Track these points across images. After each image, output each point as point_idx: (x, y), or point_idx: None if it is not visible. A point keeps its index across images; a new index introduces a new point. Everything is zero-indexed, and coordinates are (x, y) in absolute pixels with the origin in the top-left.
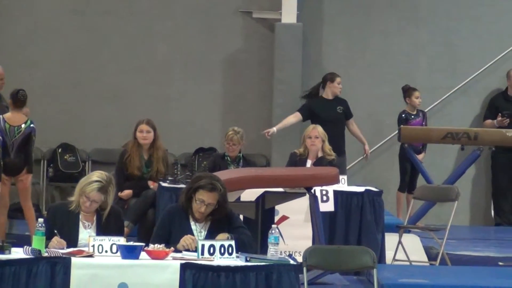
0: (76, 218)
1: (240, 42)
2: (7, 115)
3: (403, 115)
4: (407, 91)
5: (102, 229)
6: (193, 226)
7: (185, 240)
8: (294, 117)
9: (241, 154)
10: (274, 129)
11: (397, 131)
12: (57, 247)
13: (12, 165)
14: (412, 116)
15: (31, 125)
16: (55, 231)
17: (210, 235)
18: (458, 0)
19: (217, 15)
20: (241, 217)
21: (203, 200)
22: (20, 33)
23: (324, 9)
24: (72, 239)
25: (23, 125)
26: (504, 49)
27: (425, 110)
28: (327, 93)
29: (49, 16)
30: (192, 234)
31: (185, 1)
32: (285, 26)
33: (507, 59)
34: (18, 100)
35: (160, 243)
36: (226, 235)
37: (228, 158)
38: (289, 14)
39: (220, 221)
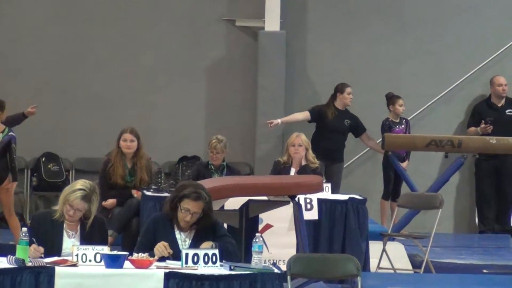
0: (60, 227)
1: (223, 50)
2: None
3: (387, 123)
4: (391, 99)
5: (86, 238)
6: (178, 235)
7: (158, 248)
8: (302, 115)
9: (225, 163)
10: (279, 120)
11: (381, 139)
12: (35, 255)
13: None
14: (396, 124)
15: (10, 133)
16: (33, 239)
17: (195, 244)
18: (443, 8)
19: (201, 23)
20: (225, 225)
21: (188, 209)
22: (4, 40)
23: (307, 17)
24: (56, 248)
25: (0, 134)
26: (488, 57)
27: (409, 118)
28: (338, 104)
29: (33, 24)
30: (177, 243)
31: (170, 9)
32: (269, 34)
33: (491, 66)
34: None
35: (144, 252)
36: (210, 243)
37: (212, 167)
38: (272, 22)
39: (205, 229)
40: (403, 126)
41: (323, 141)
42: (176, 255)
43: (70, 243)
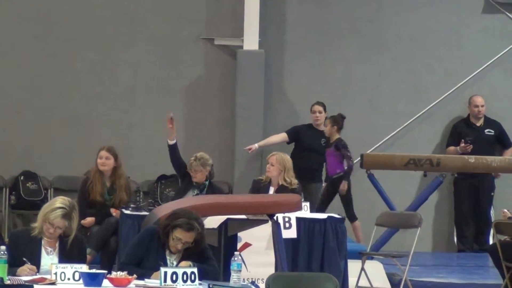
0: (38, 244)
1: (202, 69)
2: None
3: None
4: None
5: (65, 256)
6: (168, 256)
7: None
8: (279, 137)
9: (206, 182)
10: (256, 145)
11: (359, 158)
12: (29, 274)
13: None
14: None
15: None
16: (24, 259)
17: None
18: (420, 27)
19: (179, 42)
20: None
21: (180, 239)
22: None
23: (286, 36)
24: (34, 265)
25: None
26: (466, 76)
27: (388, 137)
28: (313, 122)
29: (11, 42)
30: (166, 263)
31: (148, 28)
32: (247, 53)
33: (469, 85)
34: None
35: (133, 263)
36: (188, 263)
37: (195, 183)
38: (251, 41)
39: (192, 253)
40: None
41: (299, 160)
42: None
43: (48, 259)
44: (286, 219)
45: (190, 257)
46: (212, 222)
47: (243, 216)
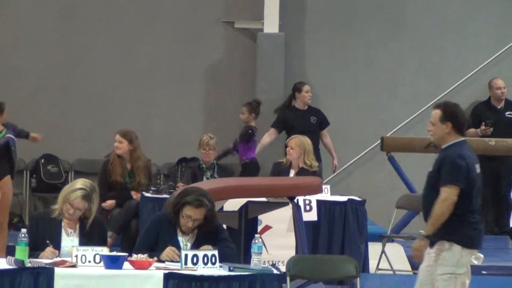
0: (59, 226)
1: (222, 52)
2: None
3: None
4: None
5: (85, 238)
6: (180, 237)
7: (167, 254)
8: (269, 135)
9: (215, 162)
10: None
11: (379, 141)
12: (51, 257)
13: None
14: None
15: (7, 135)
16: (48, 241)
17: (195, 248)
18: (440, 12)
19: (199, 25)
20: (225, 226)
21: (190, 216)
22: (3, 41)
23: (306, 19)
24: (54, 247)
25: None
26: (486, 59)
27: (407, 120)
28: (299, 103)
29: (32, 25)
30: (179, 245)
31: (168, 11)
32: (267, 36)
33: (489, 68)
34: None
35: (145, 249)
36: (208, 247)
37: (204, 166)
38: (271, 24)
39: (206, 234)
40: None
41: None
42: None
43: (68, 241)
44: (307, 202)
45: (205, 237)
46: (233, 205)
47: (264, 199)
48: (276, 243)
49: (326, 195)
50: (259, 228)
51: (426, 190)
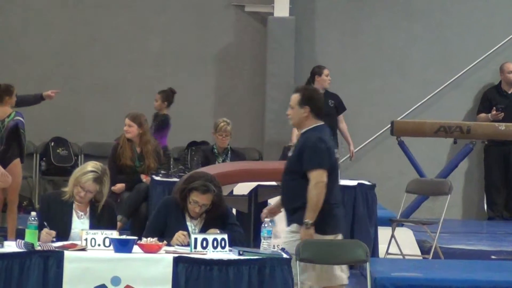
0: (70, 208)
1: (232, 36)
2: None
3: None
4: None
5: (96, 221)
6: (188, 222)
7: (178, 238)
8: None
9: (229, 146)
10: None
11: (389, 125)
12: (47, 239)
13: (2, 159)
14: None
15: (16, 118)
16: (45, 223)
17: (204, 233)
18: None
19: (209, 8)
20: (234, 211)
21: (197, 201)
22: (12, 26)
23: (316, 2)
24: (65, 229)
25: (6, 119)
26: (497, 43)
27: (418, 104)
28: (317, 87)
29: (41, 10)
30: (187, 230)
31: None
32: (278, 20)
33: (500, 52)
34: None
35: (154, 234)
36: (216, 231)
37: (216, 151)
38: (281, 8)
39: (215, 218)
40: None
41: None
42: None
43: (79, 223)
44: None
45: (213, 222)
46: (242, 189)
47: (273, 183)
48: (285, 227)
49: None
50: None
51: (285, 175)
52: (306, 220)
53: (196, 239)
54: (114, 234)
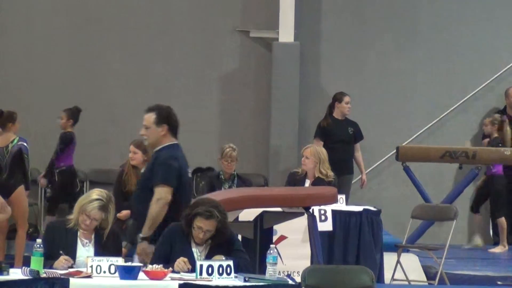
0: (74, 236)
1: (237, 61)
2: None
3: None
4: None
5: (101, 249)
6: (194, 248)
7: (178, 265)
8: (319, 145)
9: (235, 173)
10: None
11: (394, 151)
12: (65, 265)
13: (5, 186)
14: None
15: (19, 143)
16: (61, 252)
17: (209, 259)
18: (456, 18)
19: (215, 33)
20: (240, 237)
21: (201, 227)
22: (17, 51)
23: (321, 28)
24: (69, 256)
25: (10, 145)
26: (502, 67)
27: (424, 129)
28: (337, 113)
29: (45, 34)
30: (193, 256)
31: (183, 19)
32: (283, 45)
33: (505, 77)
34: (0, 120)
35: (160, 261)
36: (221, 257)
37: (223, 177)
38: (286, 33)
39: (220, 244)
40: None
41: (331, 153)
42: (192, 268)
43: (84, 251)
44: (322, 212)
45: (219, 248)
46: (248, 214)
47: (279, 209)
48: (292, 253)
49: (341, 205)
50: (275, 238)
51: (137, 190)
52: (141, 234)
53: (201, 266)
54: (120, 261)
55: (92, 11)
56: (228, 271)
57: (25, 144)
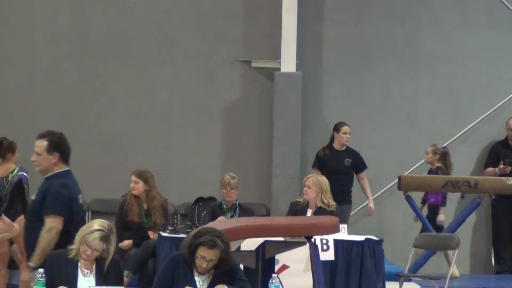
0: (75, 266)
1: (239, 91)
2: None
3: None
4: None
5: (102, 279)
6: (196, 277)
7: None
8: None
9: (237, 202)
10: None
11: (396, 180)
12: None
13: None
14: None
15: (19, 173)
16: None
17: None
18: (458, 48)
19: (216, 63)
20: (241, 266)
21: (204, 257)
22: (18, 78)
23: (323, 57)
24: (70, 287)
25: (10, 175)
26: (505, 97)
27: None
28: (336, 144)
29: (48, 62)
30: (195, 285)
31: (185, 49)
32: (285, 75)
33: (507, 107)
34: (0, 151)
35: None
36: (224, 286)
37: (224, 207)
38: (288, 63)
39: (223, 274)
40: None
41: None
42: None
43: (85, 282)
44: (324, 241)
45: (221, 277)
46: (250, 244)
47: (281, 238)
48: (293, 282)
49: (343, 234)
50: (276, 268)
51: (29, 218)
52: (30, 263)
53: None
54: None
55: (93, 39)
56: None
57: (25, 174)
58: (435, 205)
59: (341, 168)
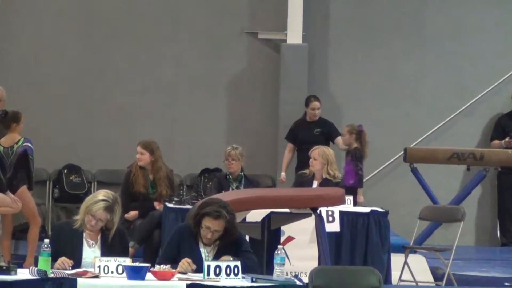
0: (80, 237)
1: (245, 63)
2: (2, 138)
3: None
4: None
5: (107, 249)
6: (202, 249)
7: (182, 265)
8: (289, 151)
9: (242, 173)
10: (283, 173)
11: (402, 152)
12: (65, 266)
13: (8, 186)
14: None
15: (24, 144)
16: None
17: (217, 259)
18: (463, 22)
19: (222, 36)
20: (247, 237)
21: (209, 227)
22: (26, 54)
23: (330, 30)
24: (75, 258)
25: (15, 146)
26: (509, 70)
27: (431, 131)
28: (308, 116)
29: (54, 38)
30: (201, 256)
31: (190, 22)
32: (291, 47)
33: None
34: (5, 121)
35: (167, 261)
36: (229, 258)
37: (230, 177)
38: (294, 35)
39: (228, 245)
40: None
41: (299, 154)
42: (200, 268)
43: (90, 252)
44: (330, 213)
45: (227, 249)
46: (256, 215)
47: (287, 210)
48: (299, 254)
49: (349, 206)
50: (282, 239)
51: None
52: None
53: (209, 266)
54: (127, 261)
55: (99, 15)
56: (236, 271)
57: (30, 145)
58: (353, 187)
59: (309, 137)
